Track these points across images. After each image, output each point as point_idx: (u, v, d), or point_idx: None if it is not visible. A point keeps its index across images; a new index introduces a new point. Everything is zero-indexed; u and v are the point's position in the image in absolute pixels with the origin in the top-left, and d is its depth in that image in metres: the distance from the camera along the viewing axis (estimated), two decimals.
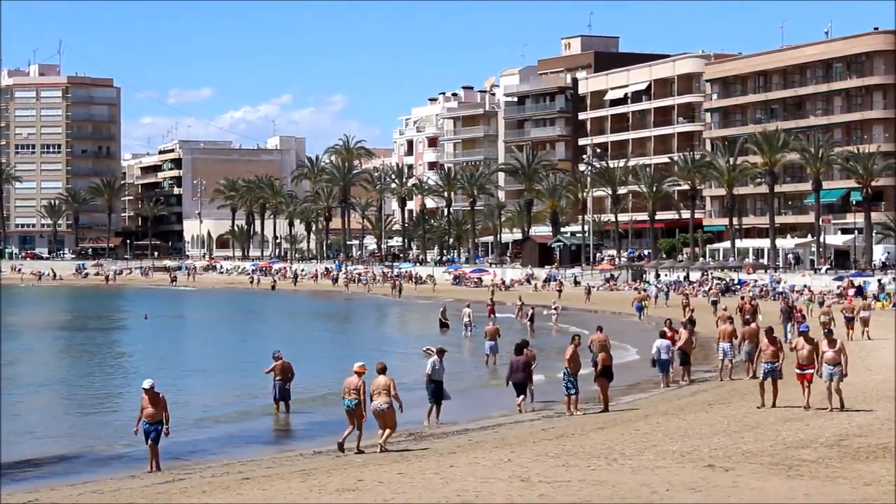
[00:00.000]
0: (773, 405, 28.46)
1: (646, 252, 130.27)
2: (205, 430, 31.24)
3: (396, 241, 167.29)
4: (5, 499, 21.09)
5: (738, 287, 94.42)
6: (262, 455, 26.75)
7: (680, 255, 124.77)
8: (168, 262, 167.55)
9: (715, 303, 73.98)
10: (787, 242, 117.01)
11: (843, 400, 27.37)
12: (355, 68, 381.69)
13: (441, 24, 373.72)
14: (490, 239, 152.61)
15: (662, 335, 37.97)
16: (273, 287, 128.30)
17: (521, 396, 31.97)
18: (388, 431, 24.94)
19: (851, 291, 78.66)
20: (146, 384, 24.55)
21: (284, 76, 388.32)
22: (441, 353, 30.29)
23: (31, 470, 24.79)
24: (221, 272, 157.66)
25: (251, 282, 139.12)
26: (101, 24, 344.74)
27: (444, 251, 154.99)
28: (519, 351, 31.92)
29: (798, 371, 28.18)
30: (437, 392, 30.13)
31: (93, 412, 35.82)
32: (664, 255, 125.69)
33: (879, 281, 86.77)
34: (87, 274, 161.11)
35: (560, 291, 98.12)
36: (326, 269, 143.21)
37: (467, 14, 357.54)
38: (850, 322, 52.12)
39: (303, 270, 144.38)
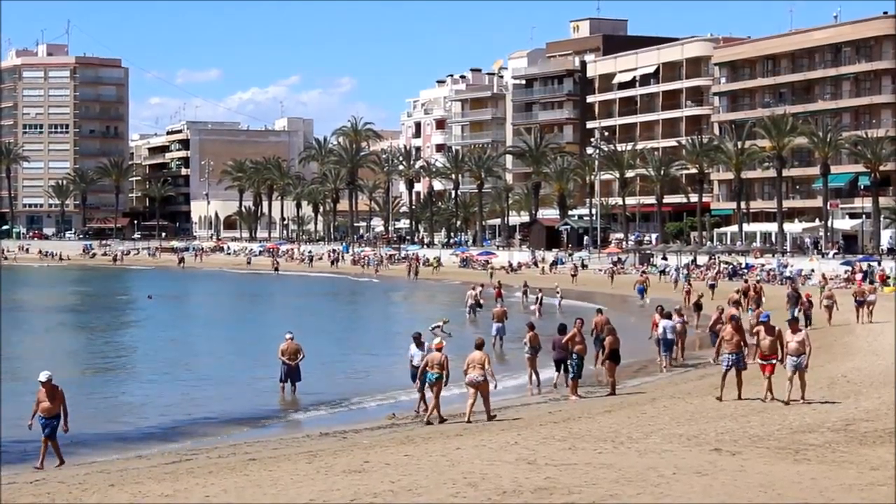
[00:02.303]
0: (739, 397, 26.88)
1: (653, 235, 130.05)
2: (211, 411, 31.27)
3: (404, 224, 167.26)
4: (13, 479, 21.12)
5: (746, 271, 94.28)
6: (268, 436, 26.81)
7: (688, 239, 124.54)
8: (175, 243, 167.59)
9: (713, 286, 73.80)
10: (794, 227, 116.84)
11: (804, 393, 25.96)
12: (363, 50, 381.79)
13: (449, 6, 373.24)
14: (497, 222, 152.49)
15: (668, 316, 38.31)
16: (276, 269, 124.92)
17: (558, 374, 32.49)
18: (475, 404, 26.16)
19: (860, 276, 78.50)
20: (42, 376, 23.25)
21: (293, 58, 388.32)
22: (417, 337, 29.81)
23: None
24: (229, 253, 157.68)
25: (248, 262, 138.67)
26: (109, 4, 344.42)
27: (452, 234, 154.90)
28: (561, 330, 32.01)
29: (760, 361, 26.56)
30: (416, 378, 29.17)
31: (96, 392, 35.84)
32: (680, 236, 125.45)
33: (869, 265, 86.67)
34: (94, 254, 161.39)
35: (575, 276, 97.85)
36: (333, 250, 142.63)
37: None
38: (860, 306, 52.02)
39: (309, 252, 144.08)
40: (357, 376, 39.34)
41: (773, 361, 26.24)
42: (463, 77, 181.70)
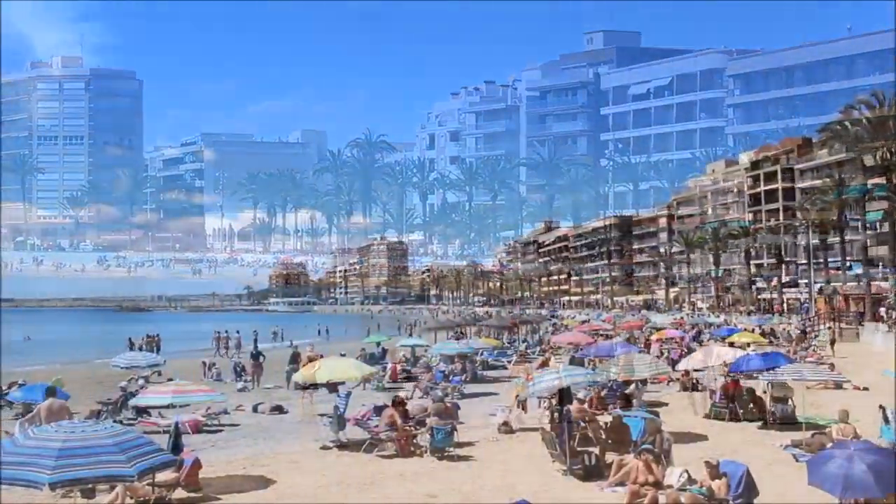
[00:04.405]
0: None
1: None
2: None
3: (418, 235, 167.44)
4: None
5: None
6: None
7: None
8: (189, 255, 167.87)
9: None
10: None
11: None
12: (378, 62, 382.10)
13: (464, 19, 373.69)
14: (511, 233, 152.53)
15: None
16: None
17: None
18: None
19: None
20: None
21: (307, 69, 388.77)
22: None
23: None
24: (242, 265, 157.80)
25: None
26: (123, 16, 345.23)
27: (466, 245, 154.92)
28: None
29: None
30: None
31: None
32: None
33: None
34: (108, 266, 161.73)
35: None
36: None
37: (490, 9, 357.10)
38: None
39: (323, 264, 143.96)
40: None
41: None
42: (477, 89, 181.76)
